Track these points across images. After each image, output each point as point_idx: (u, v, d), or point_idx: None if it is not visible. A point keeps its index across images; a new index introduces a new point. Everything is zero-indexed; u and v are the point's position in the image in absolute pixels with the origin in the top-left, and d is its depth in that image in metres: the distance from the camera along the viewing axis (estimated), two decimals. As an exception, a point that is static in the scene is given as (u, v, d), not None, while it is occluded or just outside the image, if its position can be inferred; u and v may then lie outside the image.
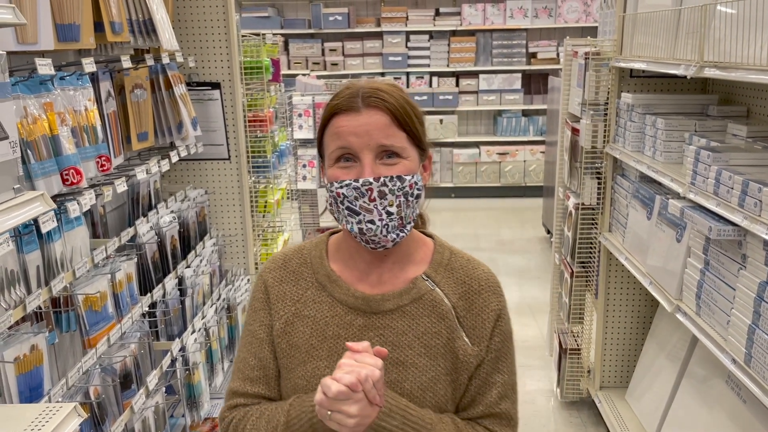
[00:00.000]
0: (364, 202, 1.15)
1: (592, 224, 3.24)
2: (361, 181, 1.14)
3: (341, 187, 1.15)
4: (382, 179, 1.15)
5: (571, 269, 3.40)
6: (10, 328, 1.65)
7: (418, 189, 1.18)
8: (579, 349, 3.45)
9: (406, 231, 1.19)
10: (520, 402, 1.30)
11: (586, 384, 3.45)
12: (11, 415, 1.39)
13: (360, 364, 1.07)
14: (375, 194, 1.14)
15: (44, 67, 1.72)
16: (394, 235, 1.17)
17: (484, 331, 1.23)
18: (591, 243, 3.26)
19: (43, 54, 2.04)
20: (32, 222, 1.77)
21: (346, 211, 1.16)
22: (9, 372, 1.58)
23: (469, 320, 1.23)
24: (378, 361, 1.09)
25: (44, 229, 1.67)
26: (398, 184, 1.16)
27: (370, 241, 1.17)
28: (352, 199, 1.15)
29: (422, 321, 1.22)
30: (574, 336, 3.53)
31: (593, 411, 3.40)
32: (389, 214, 1.16)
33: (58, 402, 1.67)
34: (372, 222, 1.15)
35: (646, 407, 2.99)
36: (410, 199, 1.17)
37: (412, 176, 1.17)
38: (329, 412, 1.06)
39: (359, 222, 1.16)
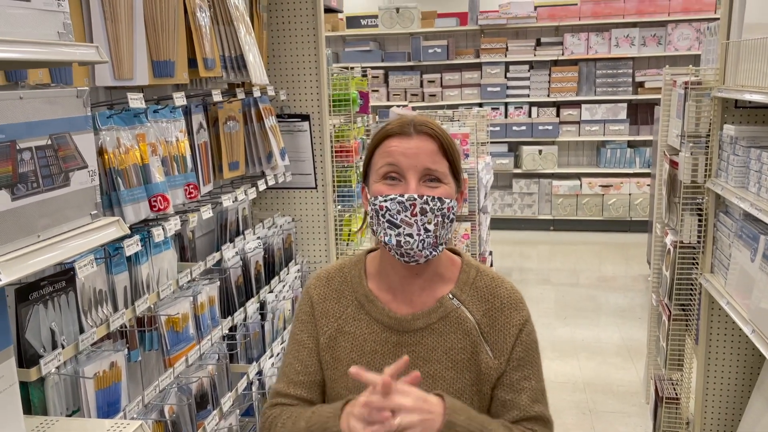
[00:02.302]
0: (406, 216, 1.27)
1: (693, 264, 3.02)
2: (406, 196, 1.27)
3: (385, 200, 1.28)
4: (425, 197, 1.27)
5: (669, 311, 3.18)
6: (93, 344, 1.75)
7: (453, 213, 1.31)
8: (677, 398, 3.20)
9: (438, 250, 1.31)
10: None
11: (685, 437, 3.19)
12: (84, 428, 1.48)
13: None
14: (417, 210, 1.26)
15: (135, 101, 1.85)
16: (428, 252, 1.29)
17: (506, 345, 1.34)
18: (691, 284, 3.04)
19: (142, 89, 2.19)
20: (120, 245, 1.89)
21: (386, 224, 1.28)
22: (89, 387, 1.68)
23: (492, 335, 1.35)
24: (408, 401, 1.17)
25: (128, 252, 1.78)
26: (438, 204, 1.28)
27: (406, 254, 1.29)
28: (395, 212, 1.27)
29: (449, 337, 1.34)
30: (672, 383, 3.29)
31: (693, 467, 3.14)
32: (427, 230, 1.27)
33: (132, 418, 1.75)
34: (410, 236, 1.27)
35: (752, 468, 2.72)
36: (446, 220, 1.30)
37: (451, 200, 1.30)
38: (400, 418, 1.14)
39: (398, 234, 1.27)
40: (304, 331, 1.42)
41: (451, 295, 1.36)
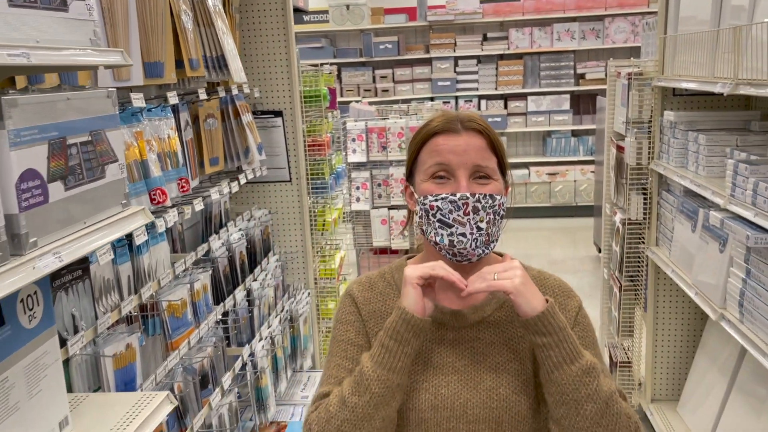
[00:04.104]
0: (459, 215, 1.24)
1: (640, 239, 3.32)
2: (458, 195, 1.24)
3: (436, 200, 1.25)
4: (477, 195, 1.25)
5: (620, 283, 3.47)
6: (108, 328, 1.88)
7: (503, 210, 1.29)
8: (629, 363, 3.51)
9: (490, 248, 1.29)
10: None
11: (638, 397, 3.50)
12: (116, 400, 1.61)
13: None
14: (470, 209, 1.24)
15: (138, 101, 1.98)
16: (481, 251, 1.27)
17: None
18: (639, 257, 3.34)
19: (130, 89, 2.30)
20: (124, 237, 2.01)
21: (438, 224, 1.26)
22: (108, 366, 1.81)
23: None
24: None
25: (138, 242, 1.91)
26: (490, 201, 1.25)
27: (458, 253, 1.27)
28: (446, 212, 1.25)
29: (507, 327, 1.31)
30: (624, 349, 3.59)
31: (645, 424, 3.44)
32: (479, 229, 1.25)
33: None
34: (463, 235, 1.25)
35: (698, 419, 3.02)
36: (497, 217, 1.27)
37: (501, 197, 1.28)
38: (495, 273, 1.20)
39: (450, 234, 1.25)
40: (351, 330, 1.34)
41: None
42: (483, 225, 1.25)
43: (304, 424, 1.31)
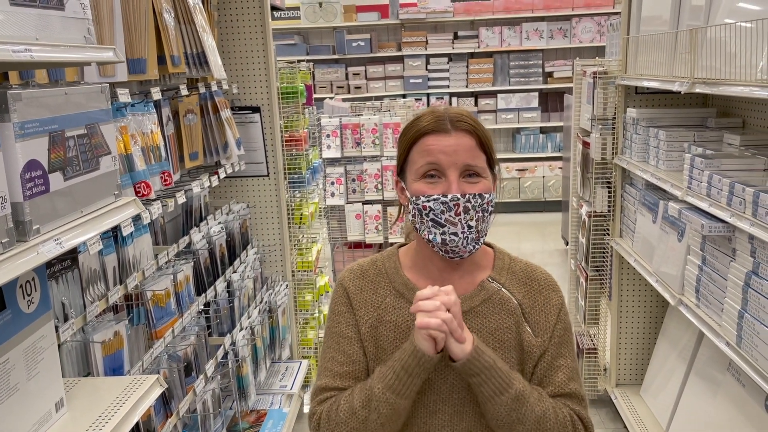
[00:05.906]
0: (450, 215, 1.29)
1: (605, 231, 3.47)
2: (450, 196, 1.29)
3: (428, 200, 1.30)
4: (467, 196, 1.29)
5: (586, 273, 3.62)
6: (96, 317, 1.94)
7: (491, 206, 1.33)
8: (595, 350, 3.66)
9: (479, 243, 1.33)
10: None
11: (603, 382, 3.65)
12: (108, 384, 1.68)
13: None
14: (461, 209, 1.28)
15: (123, 96, 2.04)
16: (471, 247, 1.32)
17: (548, 324, 1.37)
18: (603, 248, 3.49)
19: (112, 84, 2.36)
20: (110, 229, 2.07)
21: (430, 223, 1.31)
22: (97, 353, 1.87)
23: (534, 315, 1.38)
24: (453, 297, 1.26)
25: (125, 232, 1.97)
26: (479, 200, 1.30)
27: (451, 251, 1.32)
28: (438, 212, 1.29)
29: (493, 318, 1.37)
30: (590, 337, 3.74)
31: (610, 408, 3.60)
32: (470, 227, 1.30)
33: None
34: (455, 234, 1.29)
35: (659, 402, 3.19)
36: (486, 214, 1.32)
37: (490, 194, 1.32)
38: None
39: (443, 233, 1.30)
40: (342, 322, 1.40)
41: (490, 279, 1.39)
42: (473, 223, 1.30)
43: (310, 417, 1.38)
